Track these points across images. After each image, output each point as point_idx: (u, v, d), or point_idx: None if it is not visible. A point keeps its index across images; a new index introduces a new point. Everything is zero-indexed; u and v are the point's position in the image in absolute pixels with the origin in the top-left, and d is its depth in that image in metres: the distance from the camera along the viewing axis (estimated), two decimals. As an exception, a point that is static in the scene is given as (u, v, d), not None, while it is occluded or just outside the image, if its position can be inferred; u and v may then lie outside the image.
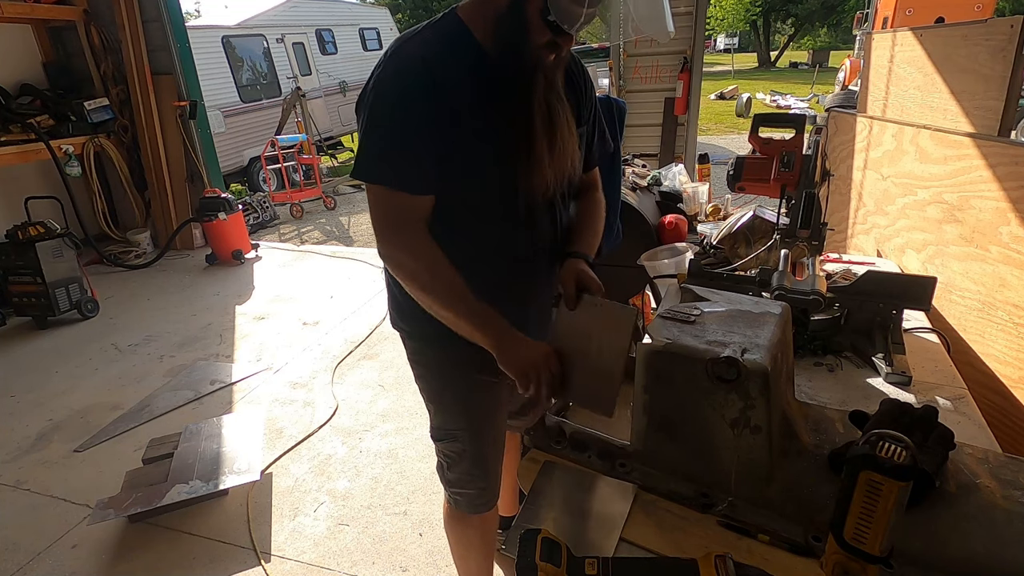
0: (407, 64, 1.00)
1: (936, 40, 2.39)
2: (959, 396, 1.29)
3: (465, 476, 1.34)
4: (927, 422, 0.88)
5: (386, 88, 1.00)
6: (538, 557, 0.73)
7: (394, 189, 1.02)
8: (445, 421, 1.31)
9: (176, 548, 2.06)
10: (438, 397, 1.30)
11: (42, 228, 3.84)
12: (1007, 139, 1.90)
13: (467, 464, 1.32)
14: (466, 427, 1.29)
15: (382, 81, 1.01)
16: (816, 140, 1.59)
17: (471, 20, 1.04)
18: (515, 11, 0.96)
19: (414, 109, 0.99)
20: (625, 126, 1.96)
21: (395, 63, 1.01)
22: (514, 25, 0.97)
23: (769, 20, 30.68)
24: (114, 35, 5.04)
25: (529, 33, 0.96)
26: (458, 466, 1.33)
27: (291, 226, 6.60)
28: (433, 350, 1.25)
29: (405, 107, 0.99)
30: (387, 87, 1.00)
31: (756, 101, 13.70)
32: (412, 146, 1.01)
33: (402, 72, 1.00)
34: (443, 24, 1.06)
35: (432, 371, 1.28)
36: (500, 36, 1.01)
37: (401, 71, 1.00)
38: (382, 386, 3.02)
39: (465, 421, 1.29)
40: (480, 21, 1.03)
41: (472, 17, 1.04)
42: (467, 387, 1.26)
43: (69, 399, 3.07)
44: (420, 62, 0.99)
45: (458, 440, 1.30)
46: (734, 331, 0.93)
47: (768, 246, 1.59)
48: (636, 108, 5.00)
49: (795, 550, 0.82)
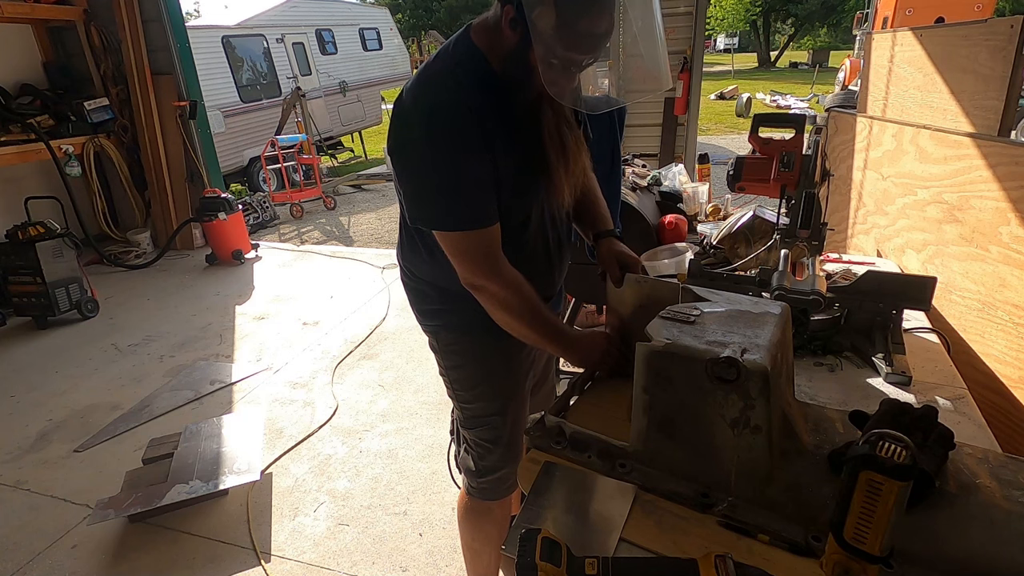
0: (453, 112, 1.02)
1: (936, 40, 2.38)
2: (959, 396, 1.29)
3: (499, 461, 1.38)
4: (927, 422, 0.88)
5: (436, 127, 1.02)
6: (538, 557, 0.73)
7: (471, 230, 1.07)
8: (481, 408, 1.34)
9: (176, 548, 2.06)
10: (474, 385, 1.33)
11: (42, 228, 3.85)
12: (1007, 139, 1.90)
13: (502, 449, 1.36)
14: (502, 411, 1.34)
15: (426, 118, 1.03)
16: (816, 140, 1.59)
17: (488, 49, 1.07)
18: (519, 57, 1.01)
19: (471, 156, 1.03)
20: (625, 126, 1.96)
21: (442, 115, 1.02)
22: (520, 67, 1.02)
23: (769, 20, 30.70)
24: (114, 35, 5.04)
25: (534, 76, 1.00)
26: (492, 453, 1.37)
27: (291, 226, 6.60)
28: (472, 338, 1.30)
29: (463, 154, 1.03)
30: (436, 125, 1.02)
31: (756, 101, 13.70)
32: (477, 184, 1.05)
33: (451, 121, 1.02)
34: (465, 57, 1.08)
35: (470, 359, 1.32)
36: (509, 72, 1.06)
37: (449, 122, 1.02)
38: (382, 386, 3.02)
39: (502, 405, 1.34)
40: (493, 51, 1.07)
41: (486, 45, 1.07)
42: (504, 372, 1.32)
43: (69, 399, 3.07)
44: (467, 111, 1.02)
45: (494, 426, 1.34)
46: (734, 331, 0.93)
47: (768, 246, 1.58)
48: (636, 108, 5.00)
49: (795, 550, 0.82)
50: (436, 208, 1.07)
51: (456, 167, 1.03)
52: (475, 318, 1.21)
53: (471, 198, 1.05)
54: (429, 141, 1.03)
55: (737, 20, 29.72)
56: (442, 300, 1.27)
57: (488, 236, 1.08)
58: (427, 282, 1.28)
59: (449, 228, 1.07)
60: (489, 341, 1.27)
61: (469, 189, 1.04)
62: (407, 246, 1.27)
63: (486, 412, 1.34)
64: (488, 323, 1.22)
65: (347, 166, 10.29)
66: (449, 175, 1.03)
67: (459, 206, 1.05)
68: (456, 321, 1.28)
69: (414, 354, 3.29)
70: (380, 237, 6.02)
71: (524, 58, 0.99)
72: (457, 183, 1.04)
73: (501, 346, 1.27)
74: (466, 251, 1.09)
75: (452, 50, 1.08)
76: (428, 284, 1.28)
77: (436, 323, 1.31)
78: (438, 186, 1.05)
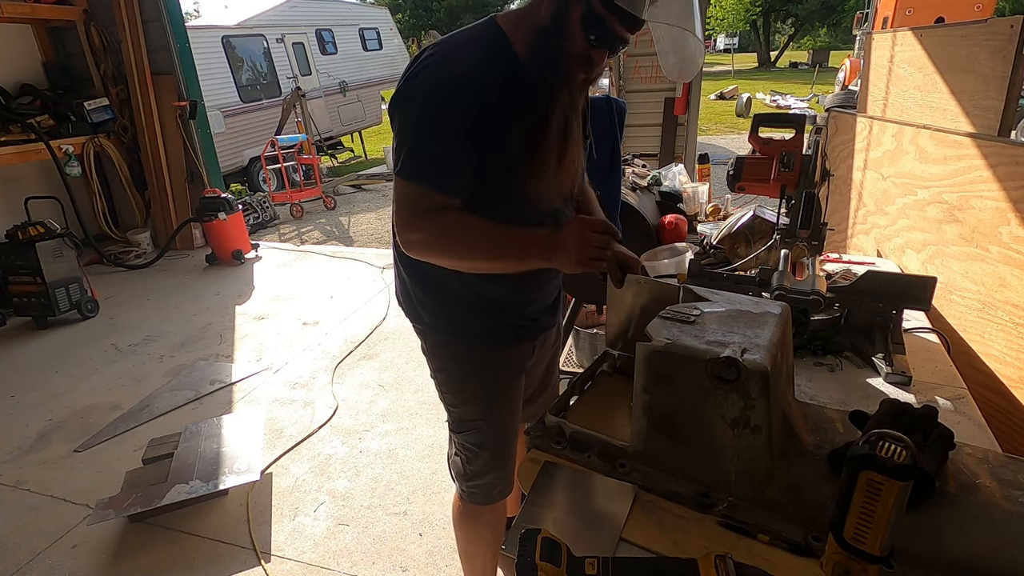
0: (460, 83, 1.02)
1: (936, 40, 2.38)
2: (959, 396, 1.29)
3: (485, 467, 1.36)
4: (927, 422, 0.88)
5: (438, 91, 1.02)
6: (538, 557, 0.73)
7: (426, 187, 1.05)
8: (467, 412, 1.33)
9: (176, 548, 2.06)
10: (460, 388, 1.32)
11: (42, 228, 3.84)
12: (1007, 139, 1.90)
13: (487, 454, 1.35)
14: (488, 416, 1.32)
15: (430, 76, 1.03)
16: (816, 140, 1.59)
17: (512, 31, 1.06)
18: (557, 20, 0.99)
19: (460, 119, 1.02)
20: (625, 126, 1.96)
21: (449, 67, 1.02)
22: (554, 34, 1.00)
23: (769, 20, 30.70)
24: (114, 35, 5.04)
25: (569, 42, 0.99)
26: (478, 458, 1.35)
27: (291, 226, 6.60)
28: (458, 341, 1.28)
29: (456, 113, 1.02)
30: (440, 91, 1.02)
31: (756, 101, 13.70)
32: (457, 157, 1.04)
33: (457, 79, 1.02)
34: (486, 32, 1.08)
35: (456, 362, 1.31)
36: (538, 45, 1.03)
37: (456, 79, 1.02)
38: (382, 386, 3.02)
39: (487, 410, 1.32)
40: (520, 32, 1.05)
41: (513, 28, 1.07)
42: (490, 378, 1.30)
43: (69, 399, 3.07)
44: (475, 85, 1.02)
45: (480, 431, 1.32)
46: (734, 331, 0.93)
47: (768, 246, 1.58)
48: (636, 108, 4.99)
49: (795, 550, 0.82)
50: (409, 156, 1.05)
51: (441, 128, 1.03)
52: (462, 321, 1.20)
53: (445, 163, 1.04)
54: (425, 92, 1.03)
55: (737, 20, 29.72)
56: (429, 299, 1.25)
57: (440, 202, 1.05)
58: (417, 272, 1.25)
59: (407, 176, 1.05)
60: (476, 346, 1.26)
61: (446, 151, 1.03)
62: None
63: (471, 417, 1.32)
64: (474, 327, 1.21)
65: (347, 166, 10.29)
66: (432, 129, 1.03)
67: (429, 162, 1.04)
68: (443, 323, 1.27)
69: (414, 354, 3.28)
70: (380, 237, 6.02)
71: (562, 21, 0.98)
72: (436, 140, 1.03)
73: (488, 351, 1.26)
74: (414, 205, 1.06)
75: (477, 28, 1.09)
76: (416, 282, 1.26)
77: (425, 322, 1.30)
78: (419, 137, 1.04)
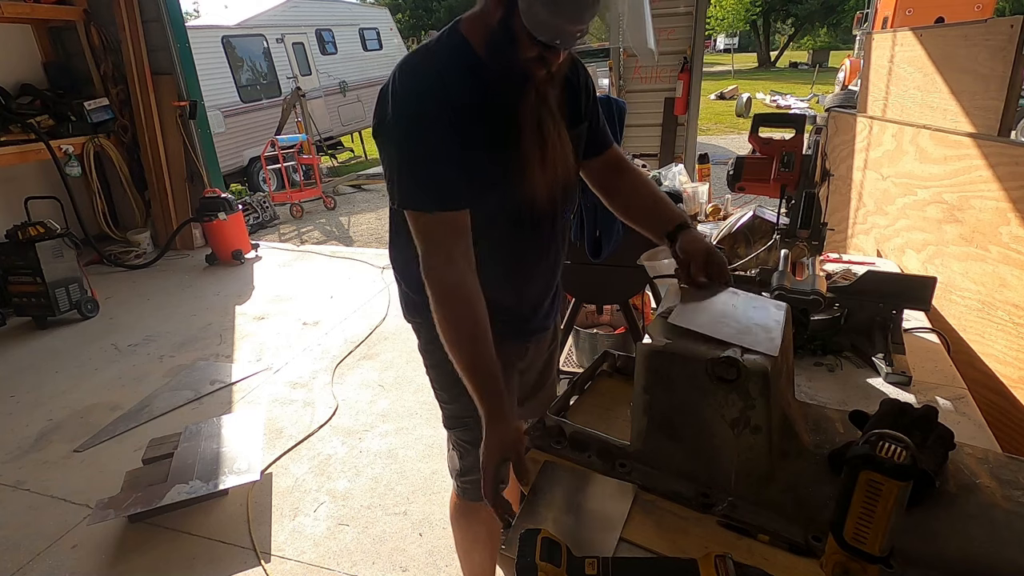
0: (428, 97, 1.02)
1: (936, 40, 2.38)
2: (959, 396, 1.29)
3: (477, 463, 1.35)
4: (927, 422, 0.88)
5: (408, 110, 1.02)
6: (538, 557, 0.73)
7: (438, 211, 1.05)
8: (460, 409, 1.33)
9: (176, 548, 2.06)
10: (452, 384, 1.31)
11: (42, 228, 3.84)
12: (1007, 139, 1.90)
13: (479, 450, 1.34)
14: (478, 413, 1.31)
15: (400, 102, 1.03)
16: (816, 140, 1.59)
17: (471, 34, 1.06)
18: (504, 26, 0.98)
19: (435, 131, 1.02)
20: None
21: (415, 98, 1.02)
22: (504, 40, 1.00)
23: (769, 20, 30.69)
24: (114, 35, 5.04)
25: (518, 48, 0.99)
26: (471, 454, 1.35)
27: (291, 226, 6.60)
28: None
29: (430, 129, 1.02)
30: (408, 108, 1.02)
31: (756, 101, 13.70)
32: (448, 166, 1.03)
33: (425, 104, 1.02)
34: (450, 45, 1.08)
35: (447, 359, 1.30)
36: (493, 50, 1.03)
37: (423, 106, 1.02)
38: (382, 386, 3.02)
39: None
40: (477, 35, 1.05)
41: (471, 31, 1.06)
42: None
43: (69, 399, 3.07)
44: (442, 96, 1.02)
45: (471, 428, 1.32)
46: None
47: (768, 246, 1.59)
48: (636, 108, 5.00)
49: (795, 550, 0.82)
50: (407, 185, 1.06)
51: (426, 148, 1.03)
52: None
53: (440, 178, 1.04)
54: (402, 121, 1.03)
55: (737, 20, 29.69)
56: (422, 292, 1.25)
57: (453, 220, 1.06)
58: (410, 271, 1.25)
59: (415, 207, 1.05)
60: None
61: (438, 169, 1.03)
62: (392, 234, 1.27)
63: (463, 413, 1.32)
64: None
65: (347, 166, 10.29)
66: (418, 154, 1.03)
67: (427, 185, 1.04)
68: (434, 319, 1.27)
69: (414, 354, 3.24)
70: (380, 237, 6.02)
71: (508, 27, 0.98)
72: (426, 163, 1.03)
73: None
74: (430, 232, 1.06)
75: (440, 38, 1.09)
76: (410, 274, 1.26)
77: (418, 320, 1.31)
78: (409, 164, 1.04)
